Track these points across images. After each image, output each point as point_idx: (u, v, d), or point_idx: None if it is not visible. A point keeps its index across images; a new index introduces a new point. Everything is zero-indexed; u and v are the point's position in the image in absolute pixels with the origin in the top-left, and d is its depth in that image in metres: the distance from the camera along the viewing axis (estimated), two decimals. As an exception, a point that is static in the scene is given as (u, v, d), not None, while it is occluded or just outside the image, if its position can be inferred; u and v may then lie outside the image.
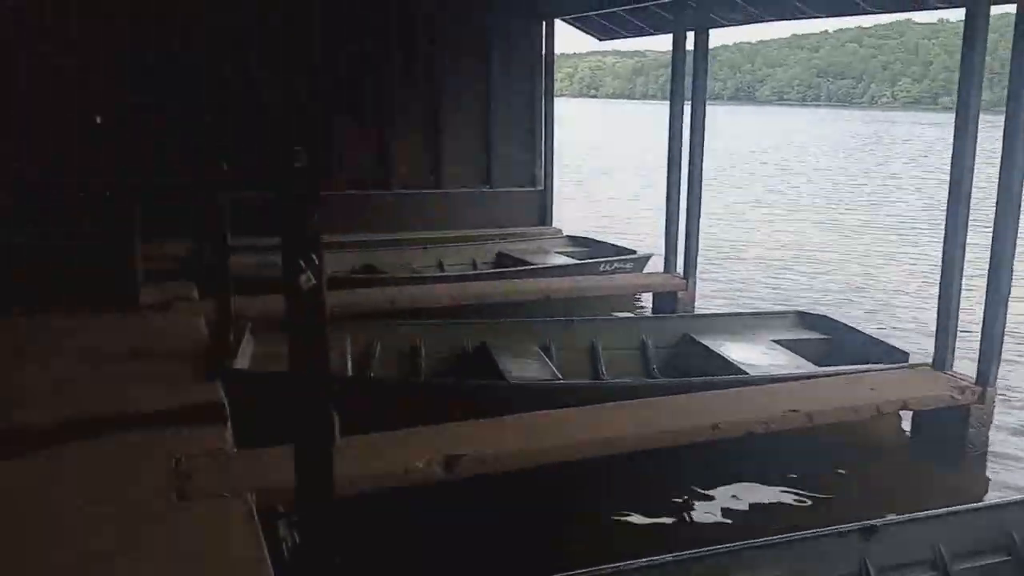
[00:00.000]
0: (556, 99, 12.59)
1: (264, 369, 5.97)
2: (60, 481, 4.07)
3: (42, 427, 4.68)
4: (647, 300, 9.95)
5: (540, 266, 9.98)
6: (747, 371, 6.34)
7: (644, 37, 11.23)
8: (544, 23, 12.22)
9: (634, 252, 10.55)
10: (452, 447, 4.53)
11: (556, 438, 4.82)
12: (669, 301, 9.27)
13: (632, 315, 9.38)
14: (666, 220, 9.43)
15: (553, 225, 12.63)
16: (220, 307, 6.33)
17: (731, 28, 9.34)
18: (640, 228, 14.68)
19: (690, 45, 8.90)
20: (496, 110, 12.22)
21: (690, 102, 8.85)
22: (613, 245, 11.07)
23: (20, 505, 3.82)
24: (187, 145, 8.66)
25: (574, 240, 11.65)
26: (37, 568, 3.36)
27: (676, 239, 9.30)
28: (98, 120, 6.47)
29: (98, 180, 6.73)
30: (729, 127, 48.02)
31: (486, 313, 8.08)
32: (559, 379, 6.24)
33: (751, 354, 6.82)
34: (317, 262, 2.38)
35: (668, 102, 9.33)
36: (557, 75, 12.85)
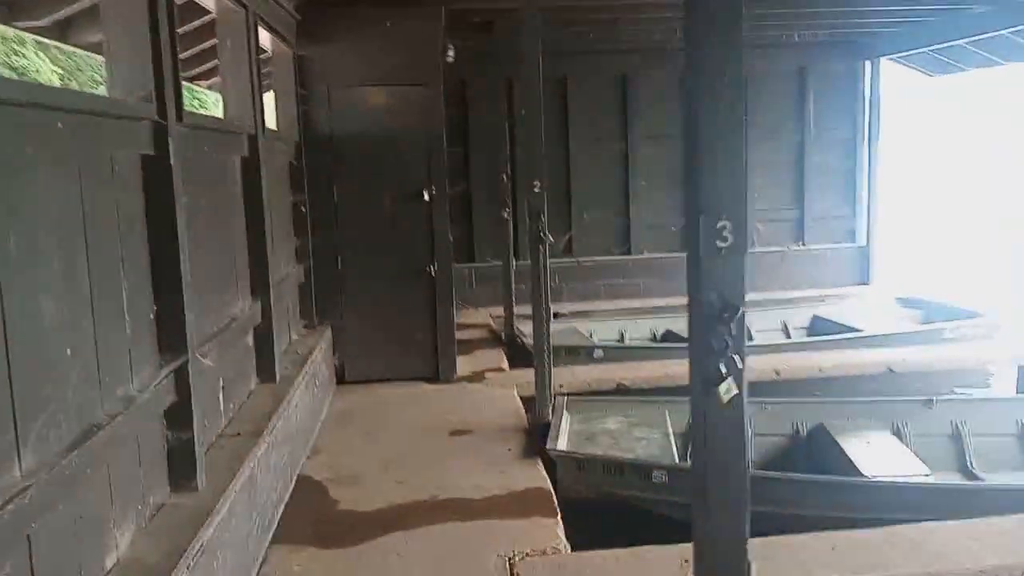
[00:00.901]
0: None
1: (584, 450, 5.54)
2: (387, 572, 3.86)
3: (369, 509, 4.59)
4: (996, 373, 8.19)
5: (866, 333, 8.66)
6: None
7: (986, 68, 9.71)
8: (869, 62, 10.99)
9: (979, 314, 8.93)
10: (824, 564, 3.75)
11: (966, 560, 3.83)
12: (1039, 376, 7.65)
13: (1003, 394, 7.71)
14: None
15: (877, 283, 11.19)
16: (538, 380, 6.04)
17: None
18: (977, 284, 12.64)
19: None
20: (811, 160, 11.11)
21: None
22: (952, 307, 9.35)
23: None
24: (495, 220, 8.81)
25: (903, 301, 10.16)
26: None
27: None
28: (426, 197, 6.67)
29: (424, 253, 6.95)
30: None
31: (802, 388, 7.15)
32: (928, 475, 5.18)
33: None
34: (741, 367, 1.81)
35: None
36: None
